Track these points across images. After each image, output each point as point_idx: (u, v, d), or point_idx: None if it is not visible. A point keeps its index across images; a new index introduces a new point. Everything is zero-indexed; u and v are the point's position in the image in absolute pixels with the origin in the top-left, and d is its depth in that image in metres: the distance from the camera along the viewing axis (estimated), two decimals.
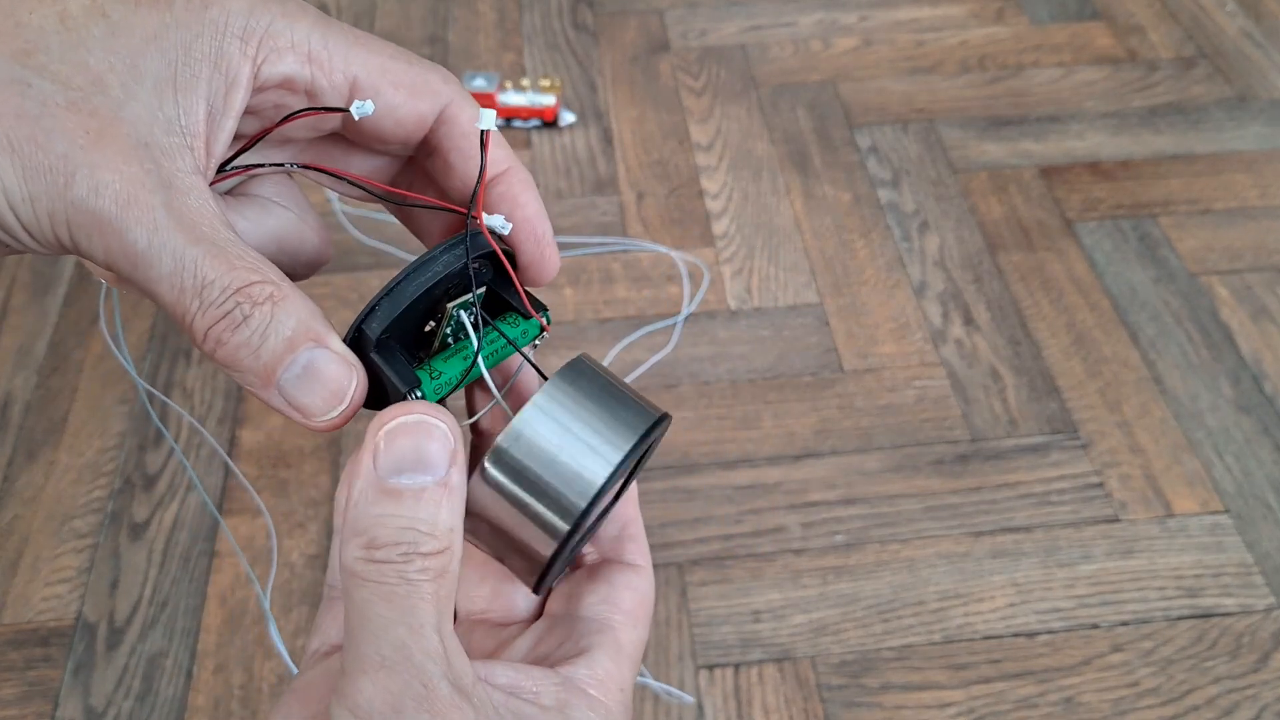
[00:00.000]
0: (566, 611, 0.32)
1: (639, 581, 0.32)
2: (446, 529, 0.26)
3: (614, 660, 0.30)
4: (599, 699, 0.29)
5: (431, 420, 0.26)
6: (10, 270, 0.90)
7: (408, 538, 0.25)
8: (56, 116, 0.25)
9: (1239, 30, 1.13)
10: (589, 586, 0.32)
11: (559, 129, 1.02)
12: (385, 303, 0.27)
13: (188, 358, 0.83)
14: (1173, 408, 0.79)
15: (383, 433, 0.26)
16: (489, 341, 0.30)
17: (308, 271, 0.32)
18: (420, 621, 0.25)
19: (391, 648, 0.25)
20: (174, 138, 0.26)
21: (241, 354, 0.26)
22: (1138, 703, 0.64)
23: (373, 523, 0.25)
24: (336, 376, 0.26)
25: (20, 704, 0.64)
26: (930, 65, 1.09)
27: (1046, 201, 0.95)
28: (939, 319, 0.86)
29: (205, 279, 0.25)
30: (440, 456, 0.26)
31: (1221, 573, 0.70)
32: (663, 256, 0.90)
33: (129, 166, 0.25)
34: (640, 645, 0.31)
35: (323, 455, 0.76)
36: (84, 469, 0.76)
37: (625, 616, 0.31)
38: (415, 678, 0.25)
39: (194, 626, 0.68)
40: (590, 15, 1.16)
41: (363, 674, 0.25)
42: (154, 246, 0.25)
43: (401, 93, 0.29)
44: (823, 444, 0.77)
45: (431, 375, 0.29)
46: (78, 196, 0.25)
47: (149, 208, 0.25)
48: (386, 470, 0.26)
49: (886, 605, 0.69)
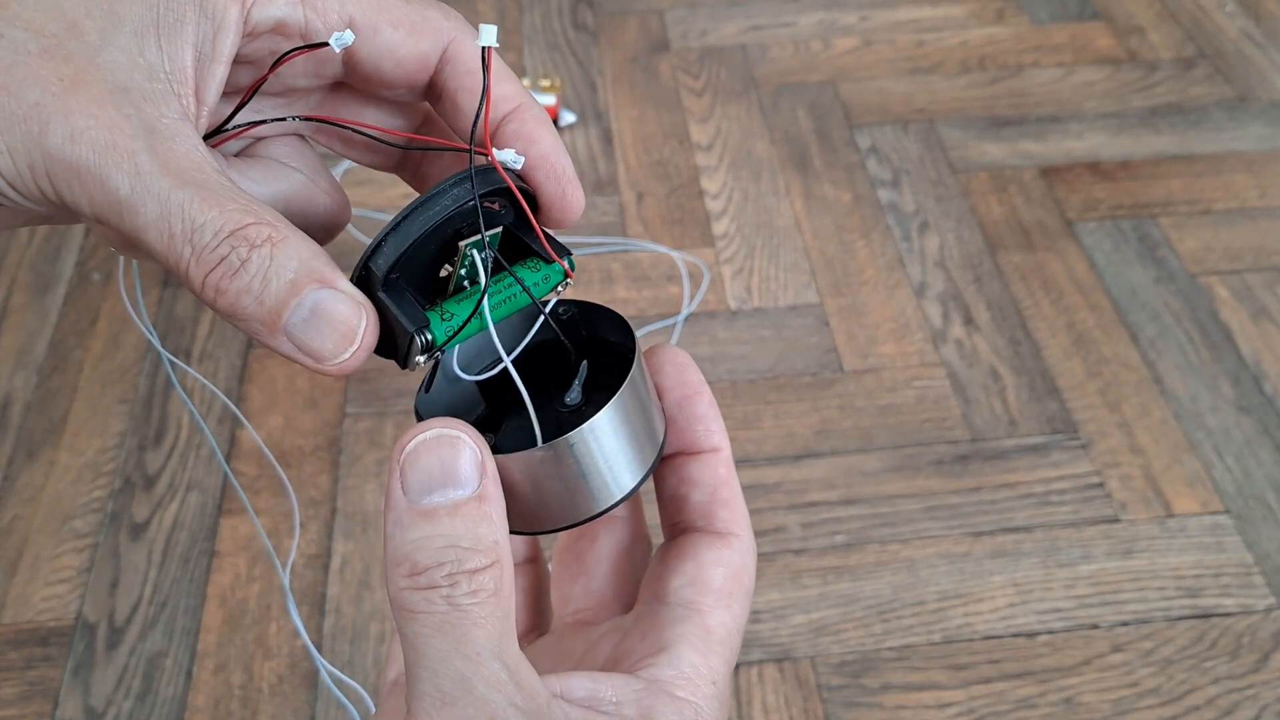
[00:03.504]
0: (653, 598, 0.29)
1: (731, 555, 0.29)
2: (491, 542, 0.25)
3: (701, 652, 0.27)
4: (686, 699, 0.26)
5: (451, 432, 0.25)
6: (10, 270, 0.90)
7: (450, 556, 0.24)
8: (29, 65, 0.24)
9: (1239, 30, 1.13)
10: (675, 566, 0.29)
11: (559, 129, 1.02)
12: (392, 238, 0.26)
13: (188, 356, 0.83)
14: (1173, 408, 0.79)
15: (404, 456, 0.25)
16: (506, 286, 0.28)
17: (323, 235, 0.30)
18: (477, 649, 0.24)
19: (451, 682, 0.24)
20: (157, 84, 0.25)
21: (243, 301, 0.24)
22: (1138, 703, 0.64)
23: (412, 549, 0.24)
24: (346, 316, 0.25)
25: (20, 704, 0.64)
26: (930, 65, 1.09)
27: (1046, 202, 0.95)
28: (939, 319, 0.86)
29: (195, 222, 0.24)
30: (469, 469, 0.25)
31: (1221, 573, 0.70)
32: (663, 256, 0.90)
33: (105, 111, 0.24)
34: (735, 628, 0.28)
35: (323, 455, 0.76)
36: (84, 469, 0.76)
37: (715, 597, 0.28)
38: (480, 711, 0.23)
39: (194, 626, 0.68)
40: (590, 15, 1.16)
41: (425, 714, 0.23)
42: (137, 192, 0.24)
43: (400, 31, 0.28)
44: (823, 444, 0.77)
45: (442, 316, 0.27)
46: (53, 145, 0.24)
47: (128, 153, 0.24)
48: (416, 492, 0.25)
49: (886, 605, 0.69)
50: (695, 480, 0.30)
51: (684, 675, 0.27)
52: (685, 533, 0.30)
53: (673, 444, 0.30)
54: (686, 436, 0.30)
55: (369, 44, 0.28)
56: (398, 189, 0.95)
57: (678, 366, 0.30)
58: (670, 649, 0.27)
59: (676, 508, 0.30)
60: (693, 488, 0.30)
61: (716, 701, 0.27)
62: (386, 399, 0.79)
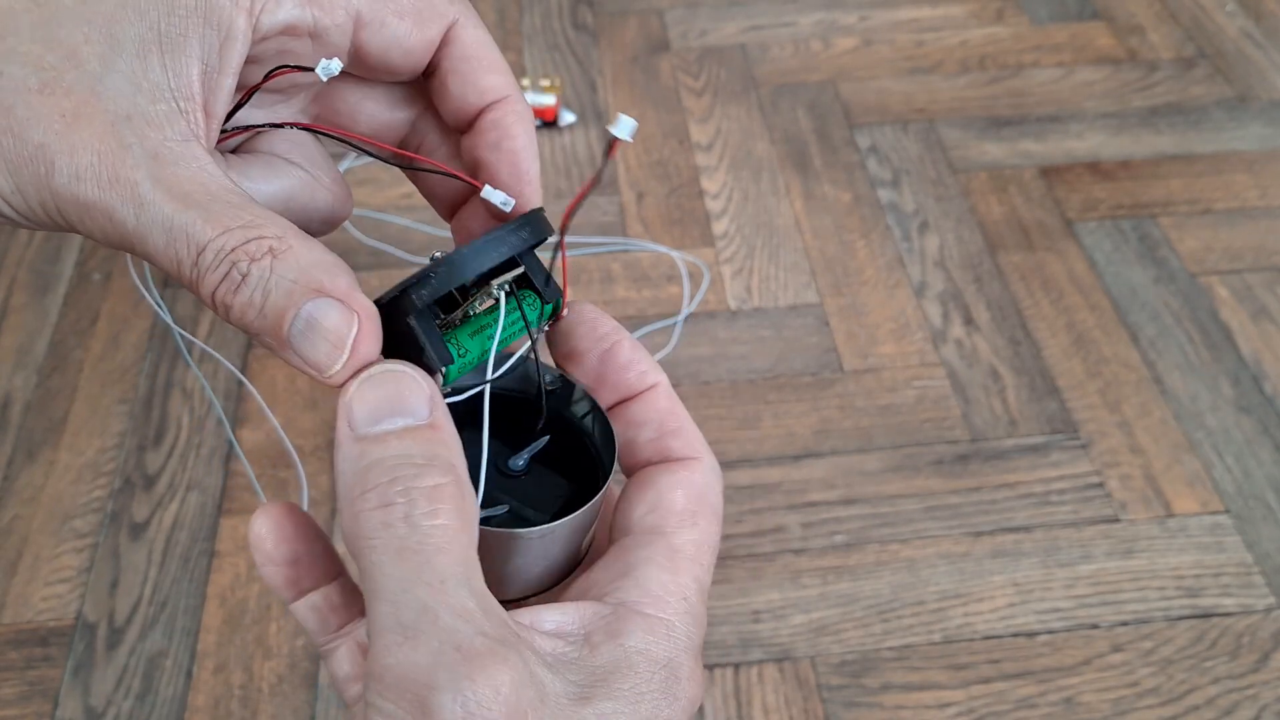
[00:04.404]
0: (618, 533, 0.28)
1: (690, 476, 0.28)
2: (447, 462, 0.24)
3: (668, 570, 0.26)
4: (656, 616, 0.26)
5: (400, 368, 0.25)
6: (10, 270, 0.90)
7: (404, 471, 0.23)
8: (30, 104, 0.24)
9: (1239, 30, 1.13)
10: (636, 497, 0.28)
11: (559, 129, 1.02)
12: (442, 273, 0.26)
13: (187, 356, 0.83)
14: (1173, 408, 0.79)
15: (351, 392, 0.24)
16: (511, 322, 0.28)
17: (325, 228, 0.30)
18: (441, 576, 0.22)
19: (413, 613, 0.22)
20: (161, 104, 0.25)
21: (248, 315, 0.24)
22: (1138, 703, 0.64)
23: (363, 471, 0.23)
24: (335, 325, 0.24)
25: (20, 704, 0.64)
26: (930, 65, 1.09)
27: (1046, 201, 0.95)
28: (939, 319, 0.86)
29: (199, 244, 0.24)
30: (418, 401, 0.24)
31: (1221, 573, 0.70)
32: (663, 256, 0.90)
33: (106, 144, 0.24)
34: (704, 545, 0.28)
35: (323, 455, 0.76)
36: (84, 469, 0.76)
37: (679, 518, 0.28)
38: (446, 642, 0.22)
39: (194, 626, 0.68)
40: (590, 15, 1.16)
41: (387, 651, 0.22)
42: (143, 222, 0.24)
43: (407, 21, 0.28)
44: (823, 444, 0.77)
45: (460, 353, 0.27)
46: (60, 185, 0.24)
47: (131, 184, 0.24)
48: (364, 424, 0.24)
49: (886, 605, 0.69)
50: (640, 420, 0.29)
51: (651, 594, 0.26)
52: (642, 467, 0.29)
53: (609, 397, 0.29)
54: (620, 387, 0.29)
55: (377, 36, 0.28)
56: (397, 189, 0.95)
57: (589, 324, 0.29)
58: (635, 571, 0.26)
59: (630, 452, 0.29)
60: (639, 428, 0.29)
61: (689, 617, 0.26)
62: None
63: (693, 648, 0.26)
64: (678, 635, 0.26)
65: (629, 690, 0.24)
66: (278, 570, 0.28)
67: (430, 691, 0.21)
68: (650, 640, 0.25)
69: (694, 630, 0.26)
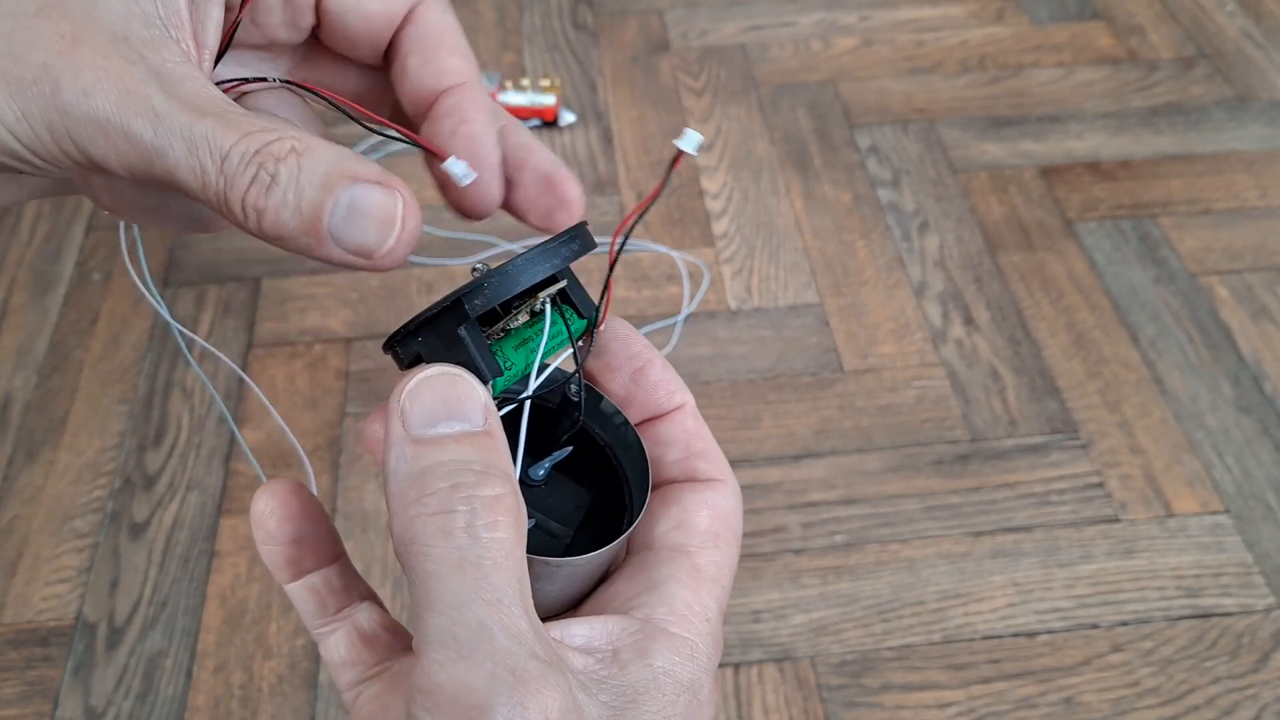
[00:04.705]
0: (640, 547, 0.28)
1: (715, 498, 0.28)
2: (504, 473, 0.23)
3: (692, 589, 0.26)
4: (681, 635, 0.26)
5: (455, 372, 0.25)
6: (10, 270, 0.90)
7: (464, 478, 0.23)
8: (29, 26, 0.24)
9: (1239, 30, 1.13)
10: (660, 513, 0.28)
11: (559, 129, 1.02)
12: (494, 283, 0.25)
13: (187, 356, 0.83)
14: (1173, 408, 0.79)
15: (405, 392, 0.24)
16: (553, 335, 0.28)
17: None
18: (499, 594, 0.22)
19: (469, 630, 0.22)
20: (154, 30, 0.25)
21: (283, 216, 0.24)
22: (1138, 703, 0.64)
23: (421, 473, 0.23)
24: (382, 203, 0.24)
25: (20, 704, 0.64)
26: (930, 65, 1.09)
27: (1046, 201, 0.95)
28: (939, 319, 0.86)
29: (222, 151, 0.24)
30: (473, 407, 0.24)
31: (1221, 573, 0.70)
32: (663, 256, 0.90)
33: (111, 62, 0.24)
34: (725, 567, 0.28)
35: (323, 455, 0.76)
36: (84, 469, 0.76)
37: (702, 538, 0.28)
38: (502, 664, 0.22)
39: (194, 626, 0.68)
40: (590, 15, 1.16)
41: (440, 668, 0.22)
42: (160, 134, 0.24)
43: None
44: (823, 444, 0.77)
45: (506, 365, 0.27)
46: (68, 102, 0.24)
47: (144, 98, 0.24)
48: (420, 426, 0.24)
49: (886, 605, 0.69)
50: (667, 440, 0.29)
51: (676, 612, 0.26)
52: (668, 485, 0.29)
53: (636, 415, 0.29)
54: (649, 406, 0.29)
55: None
56: None
57: (622, 341, 0.29)
58: (660, 587, 0.26)
59: (655, 470, 0.29)
60: (666, 448, 0.29)
61: (710, 639, 0.26)
62: (387, 399, 0.79)
63: (712, 669, 0.26)
64: (700, 657, 0.26)
65: (655, 712, 0.24)
66: (279, 550, 0.28)
67: (482, 714, 0.21)
68: (676, 661, 0.25)
69: (714, 652, 0.26)
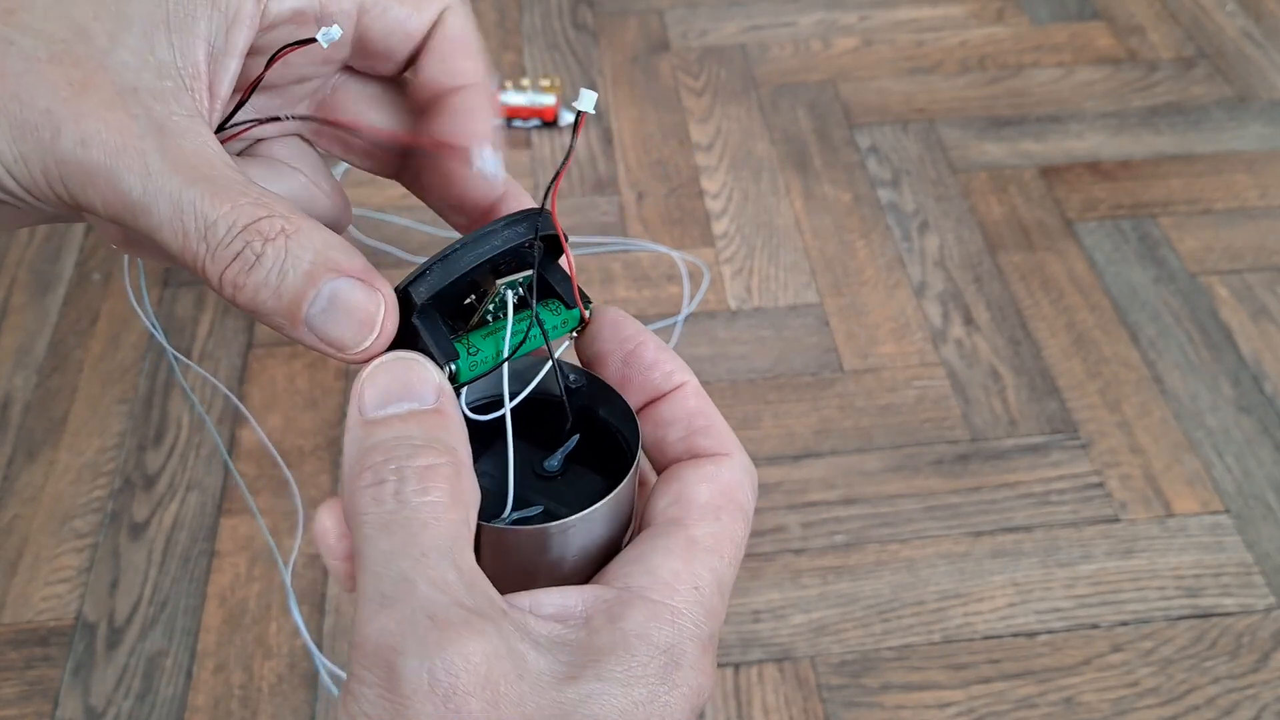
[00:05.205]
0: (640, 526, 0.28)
1: (718, 471, 0.28)
2: (447, 445, 0.24)
3: (683, 559, 0.26)
4: (660, 602, 0.25)
5: (410, 356, 0.25)
6: (10, 270, 0.90)
7: (400, 451, 0.23)
8: (39, 72, 0.24)
9: (1239, 30, 1.13)
10: (661, 490, 0.28)
11: (559, 129, 1.02)
12: (438, 269, 0.26)
13: (187, 356, 0.83)
14: (1173, 408, 0.79)
15: (363, 377, 0.25)
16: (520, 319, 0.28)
17: None
18: (423, 549, 0.22)
19: (391, 583, 0.22)
20: (168, 81, 0.25)
21: (262, 295, 0.24)
22: (1138, 703, 0.64)
23: (364, 453, 0.24)
24: (363, 304, 0.24)
25: (20, 704, 0.64)
26: (930, 65, 1.09)
27: (1046, 201, 0.95)
28: (939, 319, 0.86)
29: (208, 219, 0.24)
30: (425, 387, 0.25)
31: (1221, 573, 0.70)
32: (663, 256, 0.90)
33: (114, 114, 0.24)
34: (724, 538, 0.27)
35: (322, 455, 0.76)
36: (84, 469, 0.76)
37: (700, 511, 0.27)
38: (419, 610, 0.22)
39: (194, 626, 0.68)
40: (590, 15, 1.16)
41: (365, 621, 0.22)
42: (149, 192, 0.24)
43: (407, 6, 0.28)
44: (823, 444, 0.77)
45: (469, 351, 0.27)
46: (65, 150, 0.24)
47: (138, 153, 0.24)
48: (372, 407, 0.24)
49: (886, 605, 0.69)
50: (668, 420, 0.29)
51: (660, 580, 0.25)
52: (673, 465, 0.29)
53: (636, 398, 0.29)
54: (647, 388, 0.29)
55: (379, 21, 0.28)
56: (397, 189, 0.95)
57: (613, 325, 0.29)
58: (647, 559, 0.26)
59: (660, 452, 0.29)
60: (668, 428, 0.29)
61: (699, 606, 0.25)
62: None
63: (700, 636, 0.25)
64: (683, 622, 0.25)
65: (621, 673, 0.24)
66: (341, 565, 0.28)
67: (398, 656, 0.21)
68: (652, 625, 0.24)
69: (703, 620, 0.25)
